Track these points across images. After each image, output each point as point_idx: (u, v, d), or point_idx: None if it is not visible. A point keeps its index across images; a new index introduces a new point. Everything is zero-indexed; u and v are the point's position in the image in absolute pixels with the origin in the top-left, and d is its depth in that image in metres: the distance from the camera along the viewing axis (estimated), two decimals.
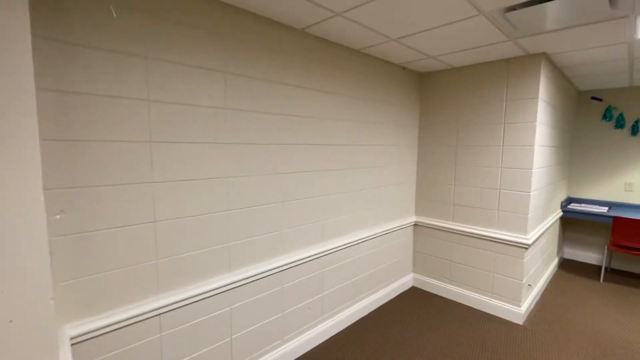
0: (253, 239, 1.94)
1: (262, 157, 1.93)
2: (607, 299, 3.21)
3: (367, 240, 2.77)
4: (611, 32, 2.02)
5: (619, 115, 3.94)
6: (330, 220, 2.42)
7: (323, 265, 2.40)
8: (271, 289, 2.06)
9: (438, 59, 2.66)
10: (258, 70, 1.86)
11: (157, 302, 1.56)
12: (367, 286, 2.87)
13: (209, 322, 1.77)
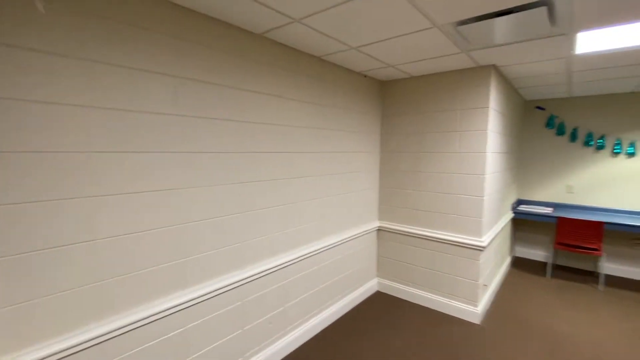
0: (211, 252, 1.84)
1: (220, 166, 1.84)
2: (554, 295, 3.46)
3: (332, 248, 2.75)
4: (552, 48, 2.18)
5: (560, 124, 4.29)
6: (294, 229, 2.37)
7: (287, 276, 2.33)
8: (230, 305, 1.96)
9: (397, 67, 2.73)
10: (215, 75, 1.77)
11: (99, 328, 1.40)
12: (333, 294, 2.84)
13: (160, 345, 1.63)
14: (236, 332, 2.01)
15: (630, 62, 2.53)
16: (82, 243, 1.36)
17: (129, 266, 1.50)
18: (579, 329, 2.77)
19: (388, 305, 3.15)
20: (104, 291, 1.43)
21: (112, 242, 1.44)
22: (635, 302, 3.28)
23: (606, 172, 4.05)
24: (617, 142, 3.95)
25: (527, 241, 4.66)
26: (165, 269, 1.64)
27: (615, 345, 2.55)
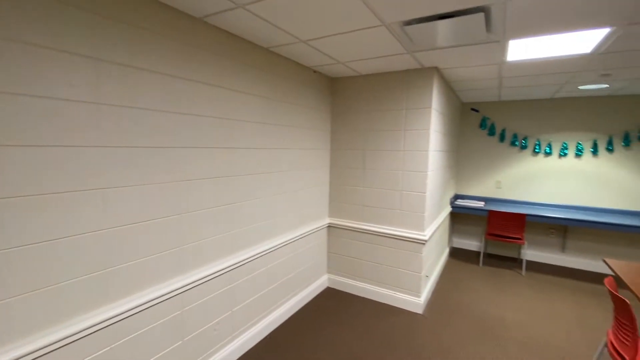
0: (143, 260, 1.64)
1: (151, 162, 1.64)
2: (485, 281, 3.79)
3: (282, 247, 2.67)
4: (486, 54, 2.35)
5: (492, 125, 4.71)
6: (242, 230, 2.24)
7: (234, 279, 2.21)
8: (169, 315, 1.78)
9: (347, 65, 2.72)
10: (144, 60, 1.57)
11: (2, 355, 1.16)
12: (283, 293, 2.77)
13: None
14: (176, 344, 1.84)
15: (550, 71, 2.83)
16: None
17: (49, 277, 1.27)
18: (507, 312, 3.07)
19: (338, 300, 3.18)
20: (10, 309, 1.19)
21: (20, 252, 1.20)
22: (550, 284, 3.74)
23: (528, 169, 4.55)
24: (537, 143, 4.45)
25: (463, 233, 5.06)
26: (83, 282, 1.42)
27: (537, 325, 2.86)
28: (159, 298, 1.70)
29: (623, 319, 1.70)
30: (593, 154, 4.16)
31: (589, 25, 1.77)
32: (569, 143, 4.28)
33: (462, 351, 2.43)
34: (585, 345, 2.55)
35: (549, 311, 3.10)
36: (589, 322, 2.90)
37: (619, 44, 2.04)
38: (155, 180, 1.67)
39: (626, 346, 1.68)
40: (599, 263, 4.21)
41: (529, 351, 2.46)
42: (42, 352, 1.27)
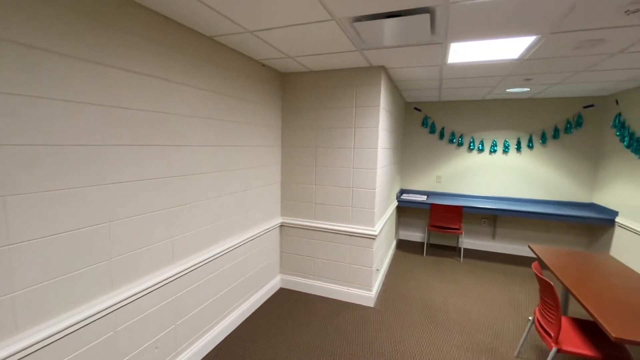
0: (61, 278, 1.40)
1: (75, 163, 1.40)
2: (429, 270, 4.04)
3: (233, 249, 2.52)
4: (430, 56, 2.45)
5: (432, 124, 5.02)
6: (185, 235, 2.05)
7: (176, 290, 2.01)
8: (98, 339, 1.55)
9: (297, 60, 2.65)
10: (64, 44, 1.32)
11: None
12: (235, 299, 2.62)
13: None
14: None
15: (483, 75, 3.07)
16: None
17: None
18: (449, 298, 3.29)
19: (292, 301, 3.12)
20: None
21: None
22: (483, 269, 4.12)
23: (464, 164, 4.94)
24: (472, 140, 4.85)
25: (408, 225, 5.33)
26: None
27: (474, 308, 3.12)
28: (86, 320, 1.47)
29: (548, 299, 1.91)
30: (517, 150, 4.66)
31: (518, 33, 1.93)
32: (498, 140, 4.73)
33: (412, 340, 2.54)
34: (515, 323, 2.84)
35: (484, 294, 3.40)
36: (517, 302, 3.25)
37: (541, 51, 2.28)
38: (69, 185, 1.43)
39: (551, 323, 1.88)
40: (523, 248, 4.75)
41: (468, 333, 2.66)
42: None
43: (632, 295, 1.87)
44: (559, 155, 4.48)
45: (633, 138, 3.50)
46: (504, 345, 2.51)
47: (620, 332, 1.46)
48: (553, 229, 4.58)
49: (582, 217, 3.86)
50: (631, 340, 1.41)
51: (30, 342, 1.27)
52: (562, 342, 1.82)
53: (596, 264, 2.41)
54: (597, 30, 1.84)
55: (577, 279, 2.10)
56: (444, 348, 2.45)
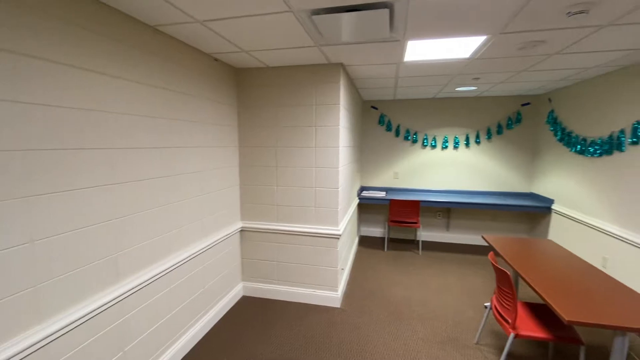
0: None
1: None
2: (391, 264, 4.12)
3: (189, 260, 2.31)
4: (388, 53, 2.46)
5: (388, 122, 5.13)
6: (132, 250, 1.82)
7: (123, 312, 1.78)
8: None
9: (252, 54, 2.50)
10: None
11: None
12: (192, 314, 2.41)
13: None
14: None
15: (436, 73, 3.18)
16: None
17: None
18: (411, 291, 3.37)
19: (256, 308, 2.97)
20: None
21: None
22: (441, 260, 4.30)
23: (419, 160, 5.13)
24: (425, 137, 5.05)
25: (369, 221, 5.42)
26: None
27: (434, 299, 3.22)
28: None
29: (505, 288, 2.01)
30: (466, 146, 4.94)
31: (471, 32, 1.99)
32: (449, 137, 4.98)
33: (379, 338, 2.54)
34: (473, 311, 2.98)
35: (443, 284, 3.54)
36: (473, 290, 3.43)
37: (489, 51, 2.39)
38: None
39: (508, 310, 1.98)
40: (475, 237, 5.06)
41: (431, 324, 2.74)
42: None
43: (577, 279, 2.03)
44: (502, 150, 4.83)
45: (564, 132, 3.87)
46: (464, 333, 2.62)
47: (572, 315, 1.56)
48: (499, 218, 4.94)
49: (524, 206, 4.20)
50: (581, 322, 1.51)
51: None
52: (519, 328, 1.93)
53: (541, 249, 2.61)
54: (541, 32, 1.96)
55: (527, 265, 2.24)
56: (409, 342, 2.49)
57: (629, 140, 2.80)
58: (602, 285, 1.93)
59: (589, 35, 2.01)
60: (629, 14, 1.69)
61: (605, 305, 1.68)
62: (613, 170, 3.00)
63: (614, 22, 1.78)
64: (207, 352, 2.36)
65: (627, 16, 1.71)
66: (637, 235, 2.68)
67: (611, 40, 2.10)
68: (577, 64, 2.75)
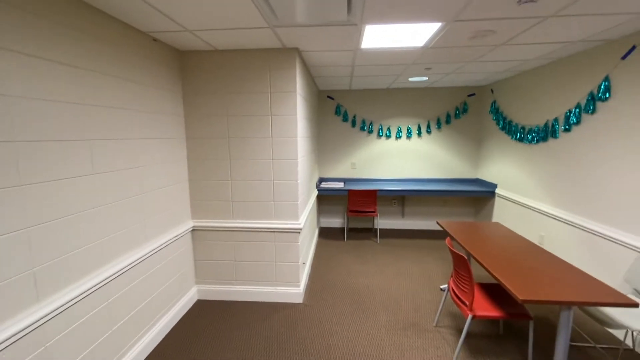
0: None
1: None
2: (351, 254, 4.14)
3: (130, 269, 2.04)
4: (345, 38, 2.37)
5: (345, 112, 5.11)
6: (55, 263, 1.53)
7: (47, 338, 1.50)
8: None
9: (197, 35, 2.25)
10: None
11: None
12: (137, 328, 2.15)
13: None
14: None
15: (391, 62, 3.17)
16: None
17: None
18: (371, 279, 3.41)
19: (213, 313, 2.77)
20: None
21: None
22: (398, 247, 4.43)
23: (375, 150, 5.19)
24: (380, 128, 5.11)
25: (328, 212, 5.40)
26: None
27: (393, 285, 3.29)
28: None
29: (462, 272, 2.07)
30: (418, 135, 5.11)
31: (427, 18, 1.97)
32: (402, 127, 5.10)
33: (342, 330, 2.51)
34: (431, 294, 3.10)
35: (401, 270, 3.64)
36: (429, 273, 3.56)
37: (443, 40, 2.41)
38: None
39: (465, 293, 2.05)
40: (428, 222, 5.29)
41: (392, 311, 2.78)
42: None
43: (523, 257, 2.17)
44: (451, 138, 5.07)
45: (505, 121, 4.15)
46: (424, 317, 2.70)
47: (525, 294, 1.64)
48: (448, 203, 5.22)
49: (471, 191, 4.47)
50: (534, 300, 1.60)
51: None
52: (475, 309, 2.01)
53: (491, 232, 2.76)
54: (492, 21, 2.00)
55: (480, 248, 2.35)
56: (372, 332, 2.49)
57: (562, 127, 3.06)
58: (545, 262, 2.08)
59: (534, 26, 2.10)
60: (571, 6, 1.78)
61: (551, 281, 1.80)
62: (548, 155, 3.27)
63: (557, 13, 1.88)
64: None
65: (569, 7, 1.80)
66: (568, 213, 2.96)
67: (552, 32, 2.23)
68: (520, 56, 2.92)
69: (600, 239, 2.56)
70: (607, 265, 2.50)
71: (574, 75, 2.88)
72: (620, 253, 2.38)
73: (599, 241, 2.58)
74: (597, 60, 2.62)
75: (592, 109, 2.67)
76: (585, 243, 2.73)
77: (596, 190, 2.63)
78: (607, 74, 2.51)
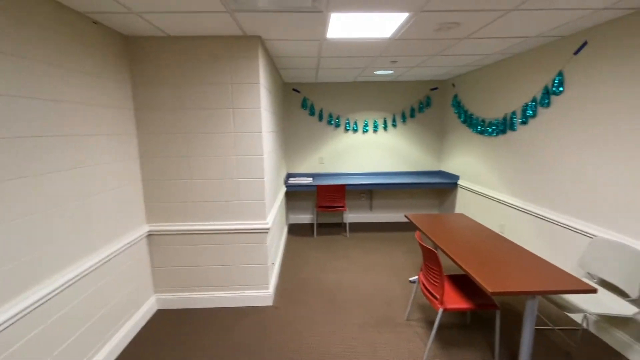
0: None
1: None
2: (321, 250, 4.08)
3: (73, 283, 1.79)
4: (310, 26, 2.25)
5: (311, 105, 4.99)
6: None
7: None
8: None
9: (145, 18, 2.01)
10: None
11: None
12: (86, 348, 1.91)
13: None
14: None
15: (357, 54, 3.10)
16: None
17: None
18: (342, 276, 3.37)
19: (175, 323, 2.56)
20: None
21: None
22: (367, 240, 4.44)
23: (342, 144, 5.15)
24: (347, 121, 5.07)
25: (297, 208, 5.29)
26: None
27: (364, 280, 3.27)
28: None
29: (432, 265, 2.07)
30: (384, 129, 5.14)
31: (394, 8, 1.91)
32: (369, 121, 5.10)
33: (315, 331, 2.44)
34: (401, 287, 3.12)
35: (371, 264, 3.64)
36: (398, 266, 3.60)
37: (409, 31, 2.38)
38: None
39: (436, 287, 2.05)
40: (395, 215, 5.37)
41: (365, 307, 2.76)
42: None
43: (490, 248, 2.22)
44: (416, 132, 5.16)
45: (467, 115, 4.28)
46: (395, 311, 2.70)
47: (494, 286, 1.66)
48: (414, 195, 5.33)
49: (435, 183, 4.58)
50: (503, 292, 1.62)
51: None
52: (446, 302, 2.02)
53: (456, 223, 2.82)
54: (457, 13, 1.99)
55: (448, 240, 2.38)
56: (345, 330, 2.45)
57: (519, 120, 3.19)
58: (509, 251, 2.15)
59: (496, 20, 2.12)
60: (530, 0, 1.80)
61: (516, 272, 1.84)
62: (507, 147, 3.41)
63: (518, 6, 1.90)
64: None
65: (530, 1, 1.83)
66: (526, 203, 3.10)
67: (511, 26, 2.27)
68: (481, 50, 2.97)
69: (556, 227, 2.71)
70: (563, 251, 2.65)
71: (531, 70, 3.00)
72: (574, 239, 2.52)
73: (555, 228, 2.72)
74: (551, 55, 2.73)
75: (547, 102, 2.80)
76: (543, 230, 2.88)
77: (551, 180, 2.77)
78: (561, 69, 2.63)
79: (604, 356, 2.12)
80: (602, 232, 2.27)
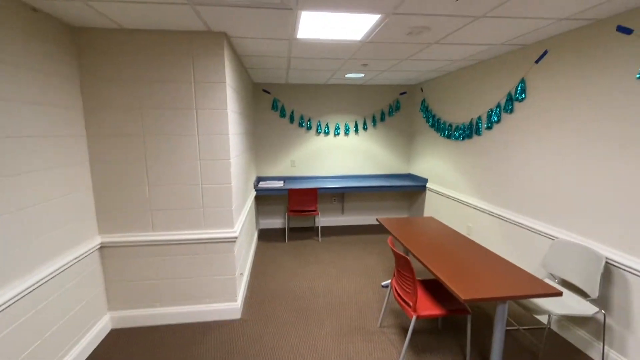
0: None
1: None
2: (292, 256, 3.96)
3: (8, 306, 1.55)
4: (279, 25, 2.14)
5: (282, 107, 4.87)
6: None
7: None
8: None
9: (91, 5, 1.80)
10: None
11: None
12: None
13: None
14: None
15: (328, 56, 3.04)
16: None
17: None
18: (314, 282, 3.28)
19: (131, 343, 2.34)
20: None
21: None
22: (339, 244, 4.39)
23: (314, 147, 5.08)
24: (319, 124, 5.00)
25: (268, 213, 5.13)
26: None
27: (336, 285, 3.21)
28: None
29: (405, 272, 2.04)
30: (355, 132, 5.13)
31: (366, 8, 1.86)
32: (340, 124, 5.07)
33: (286, 344, 2.33)
34: (373, 292, 3.08)
35: (343, 269, 3.58)
36: (370, 270, 3.57)
37: (380, 34, 2.35)
38: None
39: (409, 294, 2.02)
40: (366, 217, 5.38)
41: (337, 315, 2.68)
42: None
43: (459, 253, 2.23)
44: (386, 135, 5.21)
45: (434, 119, 4.37)
46: (368, 318, 2.65)
47: (466, 294, 1.65)
48: (384, 198, 5.37)
49: (404, 186, 4.63)
50: (475, 299, 1.61)
51: None
52: (419, 309, 1.99)
53: (426, 227, 2.83)
54: (428, 17, 1.98)
55: (419, 244, 2.37)
56: (318, 342, 2.36)
57: (485, 125, 3.28)
58: (477, 256, 2.17)
59: (465, 26, 2.14)
60: (498, 7, 1.83)
61: (486, 277, 1.85)
62: (473, 151, 3.50)
63: (486, 14, 1.92)
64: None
65: (497, 9, 1.85)
66: (491, 205, 3.20)
67: (479, 33, 2.31)
68: (449, 56, 3.03)
69: (520, 228, 2.80)
70: (526, 252, 2.75)
71: (495, 76, 3.10)
72: (537, 241, 2.62)
73: (519, 230, 2.82)
74: (515, 63, 2.83)
75: (510, 108, 2.89)
76: (507, 232, 2.97)
77: (515, 183, 2.87)
78: (523, 76, 2.73)
79: (567, 355, 2.20)
80: (563, 234, 2.37)
